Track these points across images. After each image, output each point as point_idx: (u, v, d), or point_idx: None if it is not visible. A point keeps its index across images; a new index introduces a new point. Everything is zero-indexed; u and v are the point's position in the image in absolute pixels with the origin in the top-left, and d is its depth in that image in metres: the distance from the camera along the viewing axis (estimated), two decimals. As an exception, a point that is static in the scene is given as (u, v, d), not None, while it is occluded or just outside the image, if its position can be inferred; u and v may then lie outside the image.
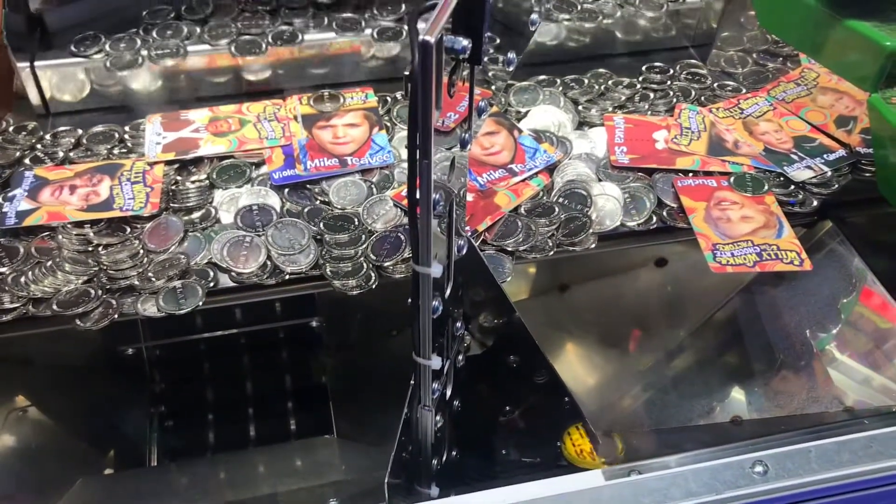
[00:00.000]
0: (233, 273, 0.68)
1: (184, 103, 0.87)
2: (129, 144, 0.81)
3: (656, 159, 0.79)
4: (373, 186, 0.76)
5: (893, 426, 0.57)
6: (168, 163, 0.78)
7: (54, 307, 0.65)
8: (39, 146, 0.81)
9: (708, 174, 0.78)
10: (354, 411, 0.90)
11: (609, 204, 0.74)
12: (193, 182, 0.77)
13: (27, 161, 0.79)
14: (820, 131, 0.83)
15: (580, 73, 0.91)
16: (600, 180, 0.77)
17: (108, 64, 0.83)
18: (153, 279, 0.67)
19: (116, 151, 0.81)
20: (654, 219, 0.74)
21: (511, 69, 0.84)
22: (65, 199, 0.74)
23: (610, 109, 0.86)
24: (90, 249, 0.70)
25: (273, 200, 0.75)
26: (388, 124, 0.84)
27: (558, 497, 0.53)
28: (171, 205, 0.74)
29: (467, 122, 0.49)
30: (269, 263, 0.69)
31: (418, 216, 0.44)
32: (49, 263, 0.68)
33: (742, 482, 0.54)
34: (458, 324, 0.59)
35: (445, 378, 0.58)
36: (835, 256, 0.78)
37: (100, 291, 0.67)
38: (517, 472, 0.67)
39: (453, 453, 0.63)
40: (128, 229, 0.72)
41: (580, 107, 0.87)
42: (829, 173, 0.79)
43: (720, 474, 0.55)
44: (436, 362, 0.51)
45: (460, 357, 0.62)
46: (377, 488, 0.56)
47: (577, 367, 0.86)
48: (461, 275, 0.56)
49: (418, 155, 0.41)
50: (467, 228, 0.71)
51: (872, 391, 0.74)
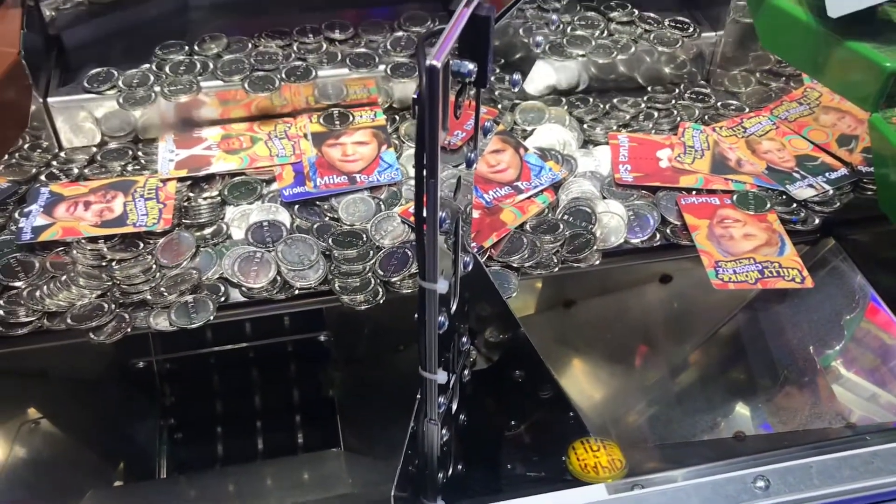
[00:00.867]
0: (243, 288, 0.69)
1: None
2: (143, 161, 0.83)
3: (660, 177, 0.80)
4: (381, 203, 0.77)
5: (895, 443, 0.57)
6: (181, 179, 0.80)
7: (68, 321, 0.67)
8: (55, 163, 0.82)
9: (711, 192, 0.79)
10: (362, 425, 0.91)
11: (613, 221, 0.75)
12: (205, 199, 0.78)
13: (42, 178, 0.81)
14: (822, 150, 0.84)
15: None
16: (605, 198, 0.78)
17: (121, 100, 0.83)
18: (165, 294, 0.68)
19: (130, 168, 0.82)
20: (658, 236, 0.75)
21: (516, 90, 0.86)
22: (79, 215, 0.75)
23: (614, 128, 0.87)
24: (104, 264, 0.72)
25: (283, 217, 0.76)
26: (397, 142, 0.85)
27: (562, 510, 0.54)
28: (184, 221, 0.76)
29: (473, 142, 0.50)
30: (279, 278, 0.70)
31: (425, 233, 0.45)
32: (63, 278, 0.70)
33: (744, 497, 0.55)
34: (464, 339, 0.60)
35: (451, 392, 0.59)
36: (837, 274, 0.79)
37: (113, 306, 0.68)
38: (522, 486, 0.67)
39: (459, 467, 0.64)
40: (141, 245, 0.73)
41: (585, 125, 0.88)
42: (831, 192, 0.80)
43: (722, 489, 0.55)
44: (441, 377, 0.52)
45: (466, 372, 0.63)
46: (384, 501, 0.57)
47: (582, 382, 0.87)
48: (467, 290, 0.57)
49: (425, 174, 0.42)
50: (473, 245, 0.72)
51: (874, 407, 0.74)
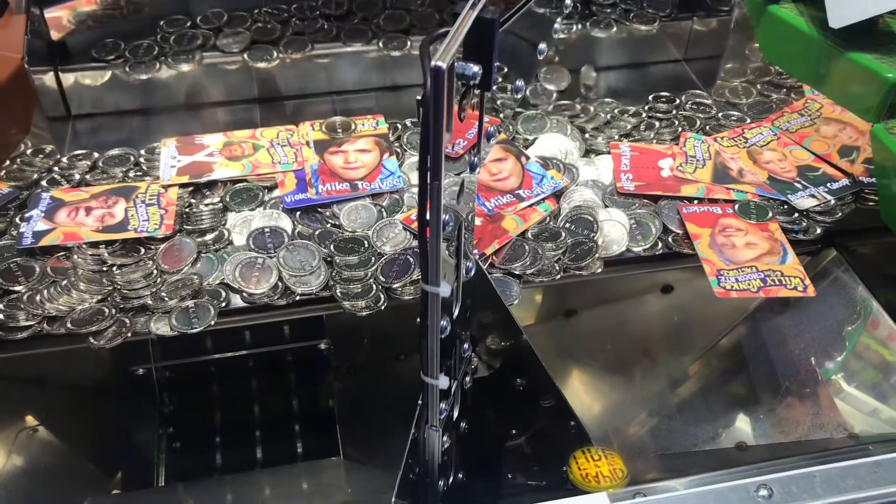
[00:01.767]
0: (244, 294, 0.69)
1: (199, 107, 0.91)
2: (145, 167, 0.83)
3: (662, 186, 0.80)
4: (383, 210, 0.77)
5: (898, 452, 0.57)
6: (182, 186, 0.80)
7: (68, 325, 0.67)
8: (56, 168, 0.83)
9: (713, 201, 0.79)
10: (361, 434, 0.90)
11: (615, 230, 0.75)
12: (207, 205, 0.78)
13: (44, 183, 0.81)
14: (823, 161, 0.85)
15: (587, 102, 0.93)
16: (606, 206, 0.79)
17: (128, 68, 0.87)
18: (166, 299, 0.68)
19: (132, 174, 0.82)
20: (660, 244, 0.75)
21: (519, 97, 0.86)
22: (80, 221, 0.75)
23: (616, 137, 0.87)
24: (105, 269, 0.72)
25: (285, 223, 0.76)
26: (399, 150, 0.85)
27: (563, 520, 0.53)
28: (185, 227, 0.76)
29: (476, 147, 0.50)
30: (281, 284, 0.70)
31: (428, 237, 0.45)
32: (64, 282, 0.70)
33: (747, 505, 0.54)
34: (466, 345, 0.60)
35: (453, 399, 0.59)
36: (839, 284, 0.79)
37: (113, 310, 0.68)
38: (523, 495, 0.67)
39: (459, 475, 0.64)
40: (142, 250, 0.73)
41: (587, 135, 0.88)
42: (833, 202, 0.80)
43: (725, 498, 0.55)
44: (443, 382, 0.52)
45: (467, 379, 0.63)
46: (386, 509, 0.56)
47: (583, 392, 0.87)
48: (469, 297, 0.57)
49: (429, 177, 0.42)
50: (475, 252, 0.72)
51: (876, 419, 0.74)
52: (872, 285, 0.77)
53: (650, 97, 0.94)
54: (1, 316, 0.67)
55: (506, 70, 0.94)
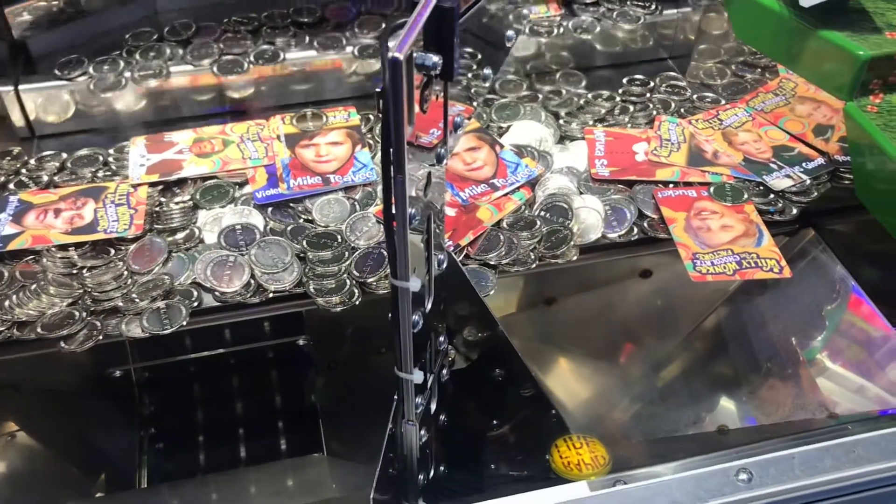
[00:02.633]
0: (216, 293, 0.68)
1: (168, 123, 0.87)
2: (114, 167, 0.82)
3: (636, 171, 0.80)
4: (356, 203, 0.77)
5: (876, 431, 0.57)
6: (152, 184, 0.79)
7: (39, 330, 0.66)
8: (24, 171, 0.81)
9: (688, 185, 0.79)
10: (344, 429, 0.90)
11: (590, 216, 0.75)
12: (177, 203, 0.77)
13: (11, 186, 0.79)
14: (799, 140, 0.84)
15: (560, 85, 0.93)
16: (581, 193, 0.78)
17: (92, 86, 0.84)
18: (137, 300, 0.67)
19: (101, 174, 0.81)
20: (636, 230, 0.75)
21: (487, 84, 0.85)
22: (49, 223, 0.74)
23: (591, 123, 0.87)
24: (74, 272, 0.70)
25: (256, 220, 0.75)
26: (371, 142, 0.84)
27: (543, 509, 0.53)
28: (155, 226, 0.75)
29: (444, 138, 0.49)
30: (253, 282, 0.69)
31: (395, 230, 0.44)
32: (34, 287, 0.69)
33: (727, 490, 0.54)
34: (442, 338, 0.60)
35: (430, 392, 0.58)
36: (816, 264, 0.79)
37: (84, 314, 0.67)
38: (504, 486, 0.67)
39: (440, 468, 0.63)
40: (112, 251, 0.72)
41: (561, 121, 0.87)
42: (808, 181, 0.79)
43: (705, 482, 0.55)
44: (418, 376, 0.52)
45: (445, 371, 0.62)
46: (368, 505, 0.56)
47: (565, 380, 0.87)
48: (443, 289, 0.56)
49: (392, 170, 0.41)
50: (449, 243, 0.71)
51: (857, 397, 0.74)
52: (850, 264, 0.77)
53: (624, 80, 0.93)
54: (-31, 323, 0.66)
55: (479, 56, 0.93)
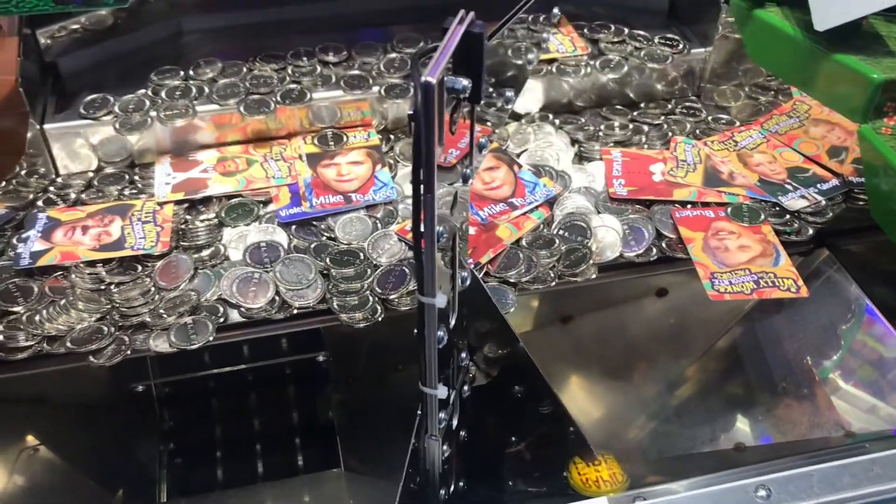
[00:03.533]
0: (242, 309, 0.70)
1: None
2: (140, 185, 0.83)
3: (654, 191, 0.81)
4: (377, 222, 0.78)
5: (894, 449, 0.58)
6: (178, 202, 0.80)
7: (68, 344, 0.67)
8: (52, 188, 0.83)
9: (705, 205, 0.80)
10: (361, 445, 0.91)
11: (609, 235, 0.76)
12: (202, 221, 0.78)
13: (40, 203, 0.81)
14: (813, 162, 0.85)
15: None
16: (599, 212, 0.79)
17: (117, 126, 0.83)
18: (164, 316, 0.69)
19: (127, 192, 0.83)
20: (654, 249, 0.76)
21: (509, 107, 0.87)
22: (77, 240, 0.75)
23: (609, 144, 0.88)
24: (102, 288, 0.72)
25: (280, 237, 0.76)
26: (391, 161, 0.86)
27: (564, 524, 0.54)
28: (181, 243, 0.76)
29: (468, 158, 0.50)
30: (278, 298, 0.70)
31: (423, 249, 0.45)
32: (63, 302, 0.70)
33: (745, 506, 0.55)
34: (463, 354, 0.61)
35: (452, 408, 0.59)
36: (831, 284, 0.79)
37: (112, 328, 0.68)
38: (524, 502, 0.67)
39: (460, 483, 0.64)
40: (139, 268, 0.73)
41: (577, 142, 0.89)
42: (824, 202, 0.80)
43: (724, 499, 0.55)
44: (442, 392, 0.53)
45: (465, 387, 0.63)
46: (385, 520, 0.57)
47: (581, 397, 0.87)
48: (465, 306, 0.57)
49: (422, 190, 0.43)
50: (470, 261, 0.72)
51: (872, 416, 0.75)
52: (865, 284, 0.78)
53: (641, 104, 0.95)
54: (1, 337, 0.67)
55: (493, 80, 0.95)
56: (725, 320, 0.87)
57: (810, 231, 0.78)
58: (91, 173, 0.85)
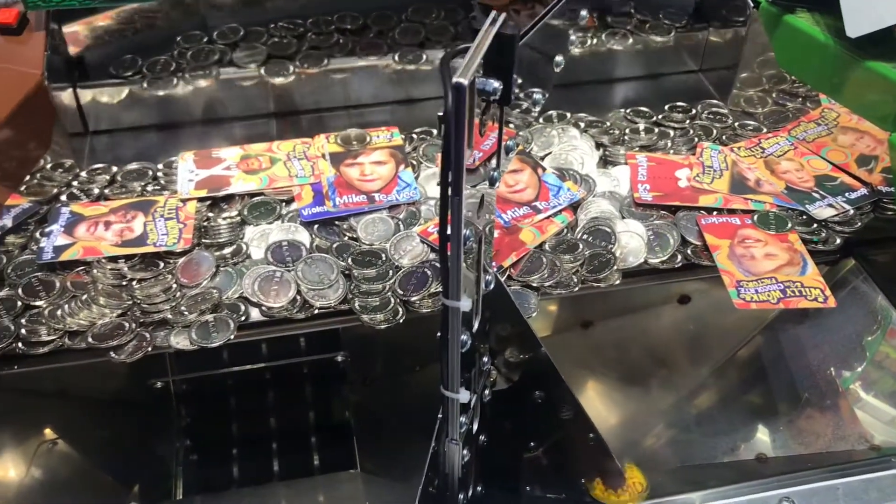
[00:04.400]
0: (263, 307, 0.70)
1: (215, 122, 0.91)
2: (163, 182, 0.83)
3: (679, 197, 0.80)
4: (399, 223, 0.78)
5: (922, 464, 0.57)
6: (200, 199, 0.80)
7: (89, 340, 0.67)
8: (75, 183, 0.83)
9: (731, 212, 0.79)
10: (378, 446, 0.90)
11: (633, 241, 0.75)
12: (225, 218, 0.78)
13: (63, 198, 0.81)
14: (841, 170, 0.84)
15: (599, 108, 0.94)
16: (624, 217, 0.78)
17: (145, 84, 0.88)
18: (186, 313, 0.68)
19: (150, 188, 0.83)
20: (679, 256, 0.75)
21: (537, 109, 0.86)
22: (100, 235, 0.76)
23: (634, 148, 0.87)
24: (124, 284, 0.72)
25: (303, 236, 0.76)
26: (415, 162, 0.85)
27: (585, 532, 0.53)
28: (203, 240, 0.76)
29: (496, 161, 0.50)
30: (299, 298, 0.70)
31: (449, 251, 0.45)
32: (84, 297, 0.70)
33: (769, 519, 0.54)
34: (485, 358, 0.60)
35: (472, 412, 0.59)
36: (858, 294, 0.78)
37: (134, 325, 0.68)
38: (543, 508, 0.67)
39: (479, 488, 0.64)
40: (161, 264, 0.73)
41: (602, 146, 0.88)
42: (852, 211, 0.79)
43: (747, 511, 0.55)
44: (464, 396, 0.52)
45: (486, 392, 0.63)
46: (402, 523, 0.56)
47: (601, 404, 0.87)
48: (488, 310, 0.57)
49: (450, 192, 0.42)
50: (493, 265, 0.72)
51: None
52: (892, 294, 0.77)
53: (665, 107, 0.94)
54: (23, 331, 0.68)
55: (520, 82, 0.94)
56: (748, 329, 0.86)
57: (838, 240, 0.77)
58: (115, 168, 0.85)
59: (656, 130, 0.90)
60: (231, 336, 0.67)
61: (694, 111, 0.94)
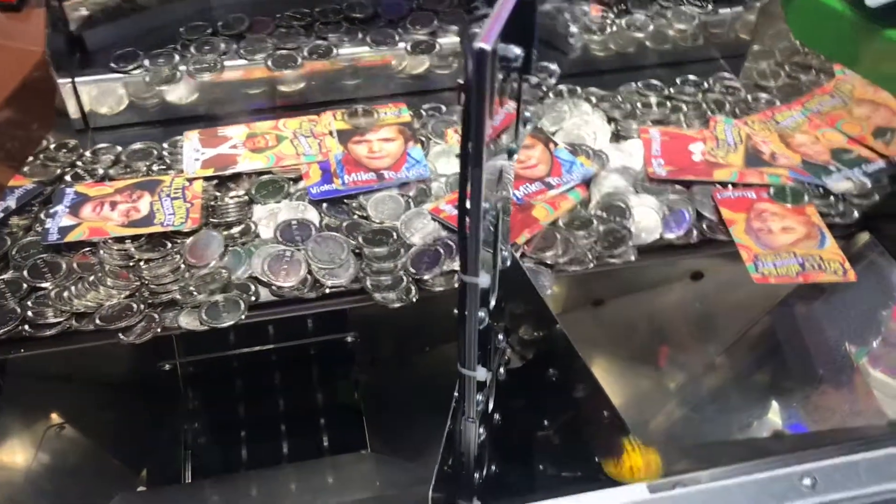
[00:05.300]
0: (273, 287, 0.68)
1: (221, 117, 0.88)
2: (168, 161, 0.82)
3: (693, 171, 0.79)
4: (410, 201, 0.76)
5: (944, 438, 0.56)
6: (207, 179, 0.79)
7: (97, 321, 0.66)
8: (80, 163, 0.82)
9: (746, 186, 0.78)
10: (388, 427, 0.90)
11: (648, 216, 0.74)
12: (232, 197, 0.77)
13: (68, 178, 0.80)
14: (857, 143, 0.83)
15: (612, 87, 0.92)
16: (638, 193, 0.77)
17: (147, 79, 0.84)
18: (195, 293, 0.67)
19: (155, 168, 0.81)
20: (695, 231, 0.74)
21: (553, 81, 0.85)
22: (106, 215, 0.74)
23: (646, 122, 0.86)
24: (131, 264, 0.71)
25: (312, 215, 0.75)
26: (423, 139, 0.84)
27: (602, 511, 0.52)
28: (211, 220, 0.75)
29: (514, 133, 0.49)
30: (310, 277, 0.69)
31: (468, 225, 0.44)
32: (91, 278, 0.69)
33: (791, 495, 0.53)
34: (500, 336, 0.59)
35: (488, 390, 0.58)
36: (874, 268, 0.77)
37: (142, 306, 0.67)
38: (559, 486, 0.66)
39: (494, 466, 0.63)
40: (168, 244, 0.72)
41: (614, 120, 0.87)
42: (869, 184, 0.78)
43: (768, 487, 0.54)
44: (481, 373, 0.51)
45: (501, 370, 0.62)
46: (419, 503, 0.56)
47: (614, 382, 0.86)
48: (503, 287, 0.56)
49: (470, 164, 0.41)
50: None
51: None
52: (908, 269, 0.76)
53: (677, 80, 0.92)
54: (29, 313, 0.67)
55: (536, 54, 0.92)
56: (762, 305, 0.85)
57: (855, 214, 0.76)
58: (119, 147, 0.84)
59: (668, 104, 0.89)
60: (242, 316, 0.66)
61: (706, 84, 0.92)
